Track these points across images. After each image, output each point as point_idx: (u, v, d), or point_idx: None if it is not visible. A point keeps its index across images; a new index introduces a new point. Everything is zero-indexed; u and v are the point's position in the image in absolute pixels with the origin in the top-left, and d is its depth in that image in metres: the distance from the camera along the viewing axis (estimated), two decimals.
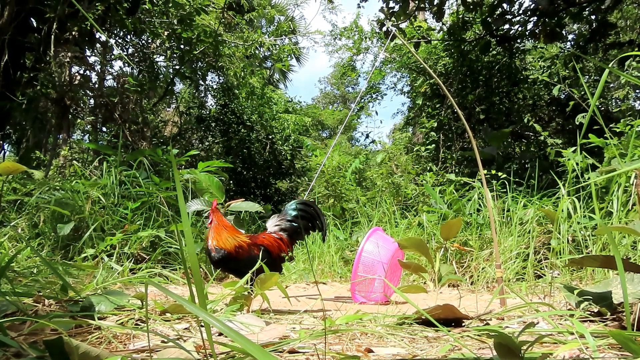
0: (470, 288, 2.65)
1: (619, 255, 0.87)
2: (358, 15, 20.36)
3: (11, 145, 7.46)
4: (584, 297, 1.16)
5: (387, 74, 11.77)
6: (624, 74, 0.90)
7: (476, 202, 3.48)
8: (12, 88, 4.87)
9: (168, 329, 1.06)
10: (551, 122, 7.41)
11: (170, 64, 8.27)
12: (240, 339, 0.42)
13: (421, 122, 7.52)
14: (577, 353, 0.78)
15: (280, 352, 0.86)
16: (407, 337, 1.00)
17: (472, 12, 5.80)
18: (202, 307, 0.60)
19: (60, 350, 0.67)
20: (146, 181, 3.66)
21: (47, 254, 2.82)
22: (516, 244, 2.74)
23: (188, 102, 10.12)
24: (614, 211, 2.47)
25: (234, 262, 1.75)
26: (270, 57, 12.29)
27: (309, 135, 11.86)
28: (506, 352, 0.71)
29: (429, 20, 8.88)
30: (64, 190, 3.33)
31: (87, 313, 1.04)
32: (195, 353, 0.76)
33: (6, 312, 0.92)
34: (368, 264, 2.03)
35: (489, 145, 5.68)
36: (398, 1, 5.29)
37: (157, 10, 6.60)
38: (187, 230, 0.61)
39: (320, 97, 24.01)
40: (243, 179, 9.36)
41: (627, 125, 3.47)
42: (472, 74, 7.06)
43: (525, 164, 6.67)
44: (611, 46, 5.30)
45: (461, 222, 2.33)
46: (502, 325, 1.12)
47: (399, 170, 6.60)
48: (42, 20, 5.04)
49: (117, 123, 6.19)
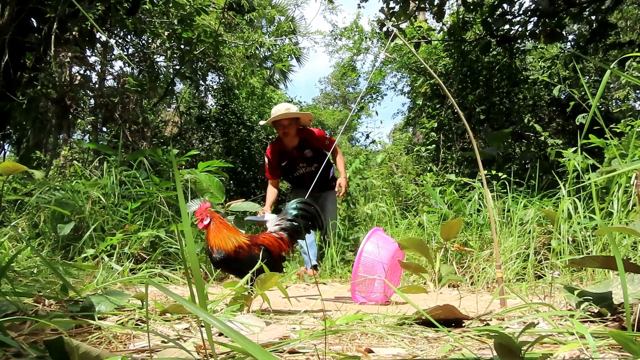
0: (470, 288, 2.65)
1: (619, 255, 0.87)
2: (358, 15, 20.39)
3: (11, 145, 7.47)
4: (584, 298, 1.16)
5: (387, 74, 11.78)
6: (624, 74, 0.90)
7: (476, 203, 3.48)
8: (12, 88, 4.87)
9: (168, 329, 1.06)
10: (551, 123, 7.41)
11: (171, 64, 8.28)
12: (241, 339, 0.42)
13: (421, 123, 7.52)
14: (577, 353, 0.78)
15: (280, 353, 0.86)
16: (408, 337, 1.00)
17: (473, 13, 5.81)
18: (203, 307, 0.60)
19: (61, 350, 0.67)
20: (146, 181, 3.66)
21: (47, 254, 2.82)
22: (516, 244, 2.74)
23: (188, 102, 10.13)
24: (615, 212, 2.47)
25: (235, 262, 1.74)
26: (271, 57, 12.30)
27: None
28: (506, 352, 0.71)
29: (429, 21, 8.88)
30: (64, 190, 3.33)
31: (87, 313, 1.04)
32: (196, 353, 0.76)
33: (6, 312, 0.92)
34: (368, 265, 2.03)
35: (490, 145, 5.68)
36: (398, 1, 5.29)
37: (158, 11, 6.61)
38: (188, 230, 0.61)
39: (320, 98, 24.01)
40: (243, 179, 9.36)
41: (628, 125, 3.47)
42: (472, 74, 7.06)
43: (525, 164, 6.67)
44: (611, 46, 5.30)
45: (461, 222, 2.34)
46: (503, 326, 1.12)
47: (399, 171, 6.61)
48: (43, 20, 5.05)
49: (118, 123, 6.20)
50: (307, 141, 3.51)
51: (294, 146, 3.49)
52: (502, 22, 5.30)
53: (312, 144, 3.52)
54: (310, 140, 3.51)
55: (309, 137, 3.51)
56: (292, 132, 3.40)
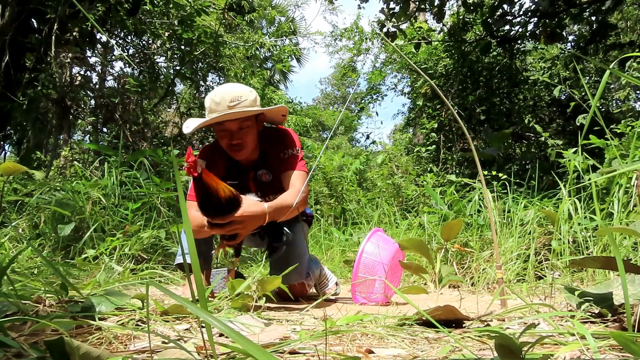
0: (470, 289, 2.64)
1: (619, 256, 0.87)
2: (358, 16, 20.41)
3: (12, 146, 7.47)
4: (584, 298, 1.16)
5: (388, 74, 11.78)
6: (624, 75, 0.90)
7: (477, 203, 3.48)
8: (12, 89, 4.87)
9: (169, 329, 1.06)
10: (552, 123, 7.42)
11: (171, 65, 8.28)
12: (241, 339, 0.42)
13: (422, 123, 7.52)
14: (578, 354, 0.78)
15: (280, 353, 0.86)
16: (408, 338, 1.00)
17: (473, 13, 5.81)
18: (203, 308, 0.60)
19: (61, 350, 0.67)
20: (147, 182, 3.66)
21: (48, 255, 2.83)
22: (517, 245, 2.74)
23: (189, 103, 10.12)
24: (615, 212, 2.46)
25: (237, 205, 1.62)
26: (271, 58, 12.31)
27: (309, 136, 11.86)
28: (507, 353, 0.71)
29: (429, 21, 8.89)
30: (65, 191, 3.33)
31: (87, 313, 1.04)
32: (196, 354, 0.76)
33: (7, 313, 0.92)
34: (368, 265, 2.03)
35: (490, 146, 5.68)
36: (399, 2, 5.30)
37: (158, 11, 6.61)
38: (188, 230, 0.62)
39: (320, 98, 24.04)
40: None
41: (628, 126, 3.47)
42: (472, 75, 7.06)
43: (525, 164, 6.67)
44: (612, 47, 5.30)
45: (462, 223, 2.33)
46: (503, 327, 1.12)
47: (399, 171, 6.61)
48: (43, 21, 5.05)
49: (118, 124, 6.20)
50: (267, 155, 2.02)
51: (252, 160, 2.01)
52: (503, 22, 5.30)
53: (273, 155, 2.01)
54: (273, 153, 2.01)
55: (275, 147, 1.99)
56: (248, 141, 1.88)
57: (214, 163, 1.97)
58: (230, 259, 1.92)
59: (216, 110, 1.80)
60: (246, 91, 1.85)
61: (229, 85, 1.91)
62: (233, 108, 1.79)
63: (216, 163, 1.99)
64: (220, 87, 1.87)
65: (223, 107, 1.79)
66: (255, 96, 1.87)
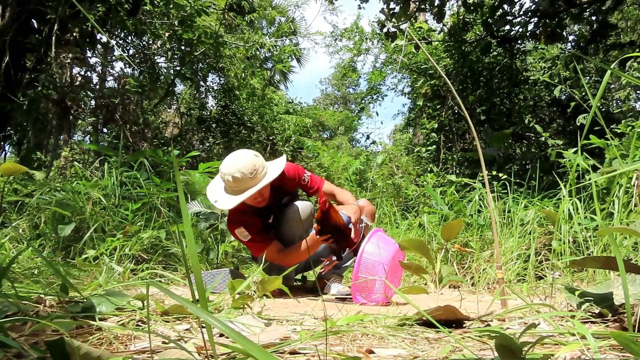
0: (471, 289, 2.64)
1: (620, 256, 0.87)
2: (359, 16, 20.40)
3: (12, 146, 7.48)
4: (585, 298, 1.16)
5: (388, 74, 11.79)
6: (625, 74, 0.90)
7: (477, 203, 3.48)
8: (13, 89, 4.88)
9: (169, 329, 1.06)
10: (552, 123, 7.42)
11: (171, 65, 8.29)
12: (242, 339, 0.42)
13: (422, 123, 7.53)
14: (578, 354, 0.78)
15: (281, 353, 0.86)
16: (408, 338, 1.00)
17: (473, 13, 5.81)
18: (204, 308, 0.60)
19: (62, 351, 0.67)
20: (147, 182, 3.66)
21: (48, 255, 2.83)
22: (517, 245, 2.74)
23: (189, 103, 10.13)
24: (615, 212, 2.46)
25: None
26: (271, 58, 12.32)
27: (309, 137, 11.86)
28: (507, 353, 0.71)
29: (429, 22, 8.89)
30: (65, 191, 3.33)
31: (88, 314, 1.04)
32: (197, 354, 0.76)
33: (7, 313, 0.92)
34: (369, 265, 2.03)
35: (490, 146, 5.68)
36: (399, 2, 5.30)
37: (158, 12, 6.61)
38: (189, 231, 0.61)
39: (321, 98, 24.02)
40: None
41: (628, 126, 3.47)
42: (472, 75, 7.06)
43: (526, 164, 6.67)
44: (612, 47, 5.30)
45: (462, 223, 2.33)
46: (503, 327, 1.12)
47: (399, 171, 6.60)
48: (43, 21, 5.06)
49: (118, 124, 6.20)
50: (281, 188, 2.42)
51: (269, 203, 2.37)
52: (503, 22, 5.30)
53: (287, 190, 2.46)
54: (285, 186, 2.43)
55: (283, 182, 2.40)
56: (265, 193, 2.27)
57: (249, 221, 2.30)
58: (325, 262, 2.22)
59: (242, 186, 2.10)
60: (254, 158, 2.15)
61: (237, 158, 2.14)
62: (254, 178, 2.10)
63: (250, 219, 2.31)
64: (232, 163, 2.11)
65: (246, 180, 2.09)
66: (260, 159, 2.18)
